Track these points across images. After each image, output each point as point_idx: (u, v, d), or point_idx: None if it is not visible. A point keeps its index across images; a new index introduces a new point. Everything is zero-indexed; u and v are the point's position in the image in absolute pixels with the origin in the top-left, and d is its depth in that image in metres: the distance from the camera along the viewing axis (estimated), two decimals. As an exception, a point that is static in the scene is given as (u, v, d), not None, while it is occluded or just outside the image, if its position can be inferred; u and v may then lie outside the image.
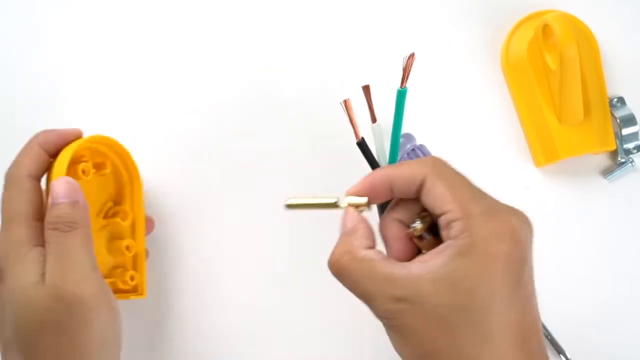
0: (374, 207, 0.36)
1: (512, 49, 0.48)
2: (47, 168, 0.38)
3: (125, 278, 0.43)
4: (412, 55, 0.39)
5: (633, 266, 0.46)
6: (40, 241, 0.35)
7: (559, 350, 0.44)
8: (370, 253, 0.32)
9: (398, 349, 0.32)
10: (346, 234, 0.34)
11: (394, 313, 0.31)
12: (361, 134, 0.42)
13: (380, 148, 0.42)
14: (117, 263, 0.43)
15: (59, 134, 0.39)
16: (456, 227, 0.31)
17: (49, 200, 0.36)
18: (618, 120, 0.47)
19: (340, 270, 0.33)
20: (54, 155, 0.39)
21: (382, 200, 0.35)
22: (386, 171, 0.34)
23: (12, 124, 0.47)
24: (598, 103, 0.46)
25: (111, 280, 0.43)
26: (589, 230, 0.47)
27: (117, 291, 0.43)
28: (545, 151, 0.47)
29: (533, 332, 0.31)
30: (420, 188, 0.33)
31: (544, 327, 0.44)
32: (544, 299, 0.45)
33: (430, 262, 0.31)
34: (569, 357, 0.44)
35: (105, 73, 0.48)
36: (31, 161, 0.38)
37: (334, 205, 0.36)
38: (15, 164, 0.38)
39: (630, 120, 0.47)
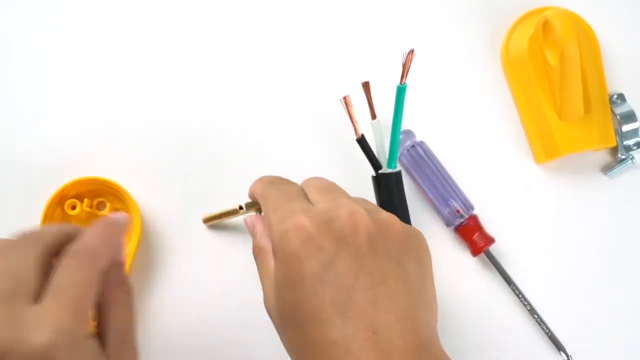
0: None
1: (512, 46, 0.48)
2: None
3: None
4: (411, 52, 0.40)
5: (633, 263, 0.46)
6: None
7: (559, 347, 0.44)
8: (265, 243, 0.35)
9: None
10: (250, 232, 0.38)
11: (268, 309, 0.33)
12: (361, 131, 0.42)
13: (380, 145, 0.42)
14: None
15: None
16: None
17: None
18: (618, 117, 0.47)
19: (254, 258, 0.36)
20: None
21: None
22: (255, 183, 0.38)
23: None
24: (598, 99, 0.46)
25: None
26: (589, 226, 0.47)
27: None
28: (545, 148, 0.47)
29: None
30: None
31: (544, 323, 0.44)
32: (544, 295, 0.45)
33: None
34: (569, 353, 0.44)
35: (90, 79, 0.48)
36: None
37: (237, 211, 0.42)
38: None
39: (630, 117, 0.47)
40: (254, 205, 0.41)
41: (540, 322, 0.44)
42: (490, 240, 0.45)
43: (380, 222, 0.32)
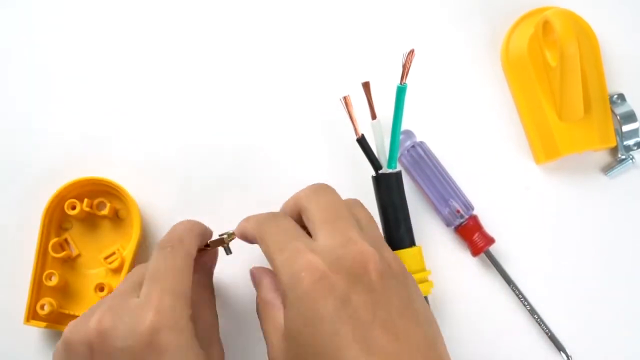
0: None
1: (512, 46, 0.48)
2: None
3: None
4: (411, 52, 0.40)
5: (633, 263, 0.46)
6: None
7: (559, 348, 0.44)
8: (271, 297, 0.35)
9: None
10: (256, 284, 0.37)
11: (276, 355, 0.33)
12: (361, 131, 0.42)
13: (380, 145, 0.42)
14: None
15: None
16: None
17: None
18: (618, 117, 0.47)
19: (258, 313, 0.36)
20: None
21: None
22: (244, 224, 0.37)
23: None
24: (598, 99, 0.46)
25: (65, 311, 0.43)
26: (589, 226, 0.47)
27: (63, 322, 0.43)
28: (545, 148, 0.47)
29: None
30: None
31: (544, 323, 0.44)
32: (544, 295, 0.45)
33: None
34: (569, 354, 0.44)
35: (101, 78, 0.48)
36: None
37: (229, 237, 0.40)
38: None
39: (630, 117, 0.47)
40: (220, 242, 0.39)
41: (540, 322, 0.44)
42: (490, 241, 0.45)
43: (384, 259, 0.33)
